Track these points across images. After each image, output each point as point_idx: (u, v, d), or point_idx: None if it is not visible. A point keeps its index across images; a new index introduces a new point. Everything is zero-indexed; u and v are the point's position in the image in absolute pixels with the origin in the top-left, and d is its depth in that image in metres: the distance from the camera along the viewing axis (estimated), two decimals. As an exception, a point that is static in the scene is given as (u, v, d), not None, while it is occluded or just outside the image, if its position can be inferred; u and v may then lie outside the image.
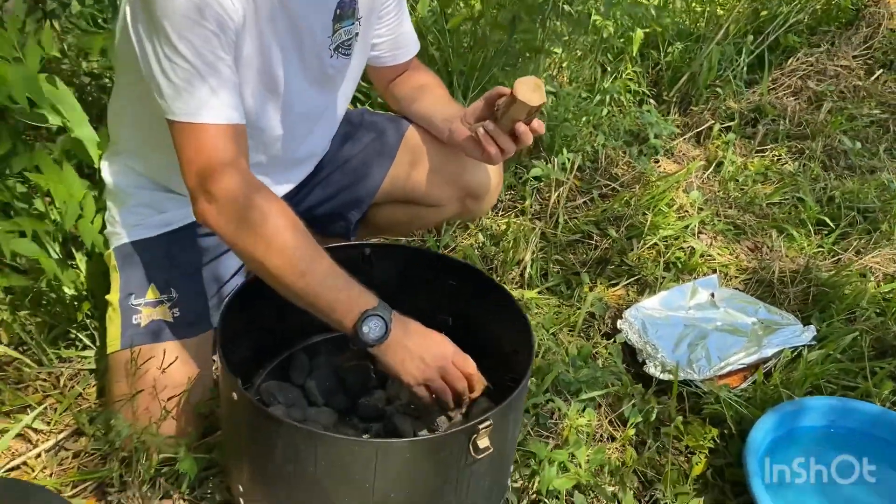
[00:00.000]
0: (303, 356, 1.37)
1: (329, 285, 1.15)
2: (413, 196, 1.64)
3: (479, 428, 1.03)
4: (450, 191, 1.62)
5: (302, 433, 1.00)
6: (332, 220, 1.65)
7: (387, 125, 1.63)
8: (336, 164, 1.61)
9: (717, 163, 2.49)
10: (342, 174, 1.62)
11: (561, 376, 1.57)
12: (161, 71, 1.13)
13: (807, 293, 1.91)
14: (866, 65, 3.27)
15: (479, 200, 1.67)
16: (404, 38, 1.56)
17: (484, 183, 1.63)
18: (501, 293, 1.31)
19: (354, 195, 1.63)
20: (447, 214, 1.69)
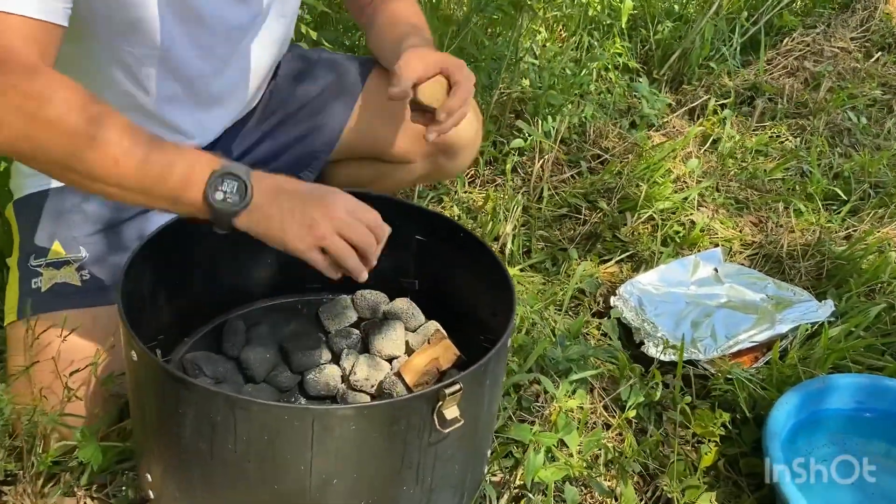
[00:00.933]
0: (239, 324, 1.14)
1: (155, 160, 0.88)
2: (377, 151, 1.43)
3: (446, 393, 0.81)
4: (419, 145, 1.40)
5: (216, 399, 0.78)
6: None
7: (348, 64, 1.41)
8: (287, 111, 1.39)
9: (713, 139, 2.30)
10: (295, 123, 1.39)
11: (548, 353, 1.35)
12: None
13: (820, 267, 1.71)
14: (864, 47, 3.13)
15: (454, 157, 1.45)
16: None
17: (459, 136, 1.40)
18: (476, 245, 1.10)
19: (309, 148, 1.41)
20: (417, 174, 1.47)
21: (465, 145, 1.44)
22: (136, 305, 1.00)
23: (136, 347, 0.83)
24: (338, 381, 1.13)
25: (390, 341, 1.13)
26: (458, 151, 1.45)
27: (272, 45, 1.28)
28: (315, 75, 1.39)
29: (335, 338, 1.16)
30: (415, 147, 1.40)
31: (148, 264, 1.01)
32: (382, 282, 1.20)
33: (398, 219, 1.17)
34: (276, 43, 1.29)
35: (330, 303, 1.19)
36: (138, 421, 0.92)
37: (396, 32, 1.27)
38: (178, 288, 1.09)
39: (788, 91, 2.66)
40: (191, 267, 1.10)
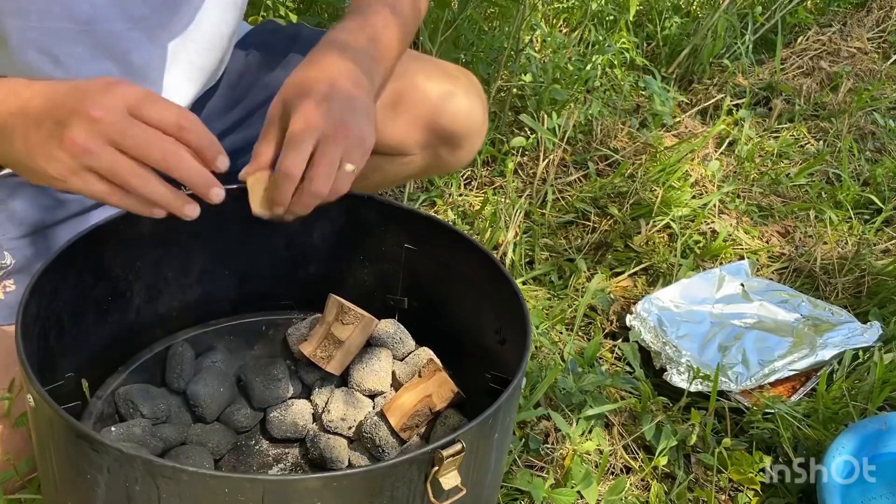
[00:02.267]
0: (186, 349, 0.93)
1: None
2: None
3: (444, 456, 0.61)
4: (420, 134, 1.18)
5: (133, 464, 0.57)
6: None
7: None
8: (259, 97, 1.18)
9: (729, 141, 2.11)
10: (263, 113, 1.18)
11: (558, 384, 1.15)
12: None
13: (859, 284, 1.52)
14: (881, 48, 2.97)
15: (458, 149, 1.22)
16: None
17: (466, 124, 1.18)
18: (478, 254, 0.90)
19: None
20: (414, 167, 1.24)
21: (470, 133, 1.22)
22: (52, 327, 0.79)
23: (34, 389, 0.62)
24: (308, 421, 0.92)
25: (373, 373, 0.92)
26: (463, 140, 1.22)
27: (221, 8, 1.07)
28: (292, 55, 1.18)
29: (306, 367, 0.95)
30: (413, 135, 1.18)
31: (69, 277, 0.81)
32: (365, 299, 1.00)
33: (382, 223, 0.98)
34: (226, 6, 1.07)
35: (300, 322, 0.99)
36: (44, 479, 0.72)
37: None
38: (111, 304, 0.88)
39: (806, 91, 2.49)
40: (127, 278, 0.89)
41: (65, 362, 0.82)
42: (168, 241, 0.91)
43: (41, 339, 0.77)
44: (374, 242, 1.00)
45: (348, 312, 0.91)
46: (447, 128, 1.17)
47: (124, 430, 0.81)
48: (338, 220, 0.99)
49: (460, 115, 1.16)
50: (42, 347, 0.77)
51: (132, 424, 0.82)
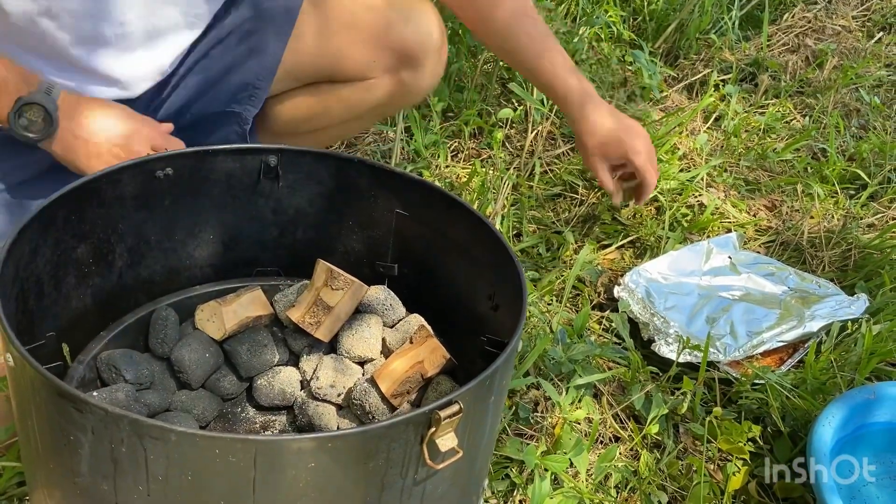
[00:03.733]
0: (171, 313, 0.90)
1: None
2: (328, 68, 1.19)
3: (441, 416, 0.59)
4: (375, 53, 1.18)
5: (119, 424, 0.55)
6: (221, 121, 1.18)
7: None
8: (216, 38, 1.14)
9: (716, 116, 2.10)
10: (224, 49, 1.14)
11: (548, 354, 1.14)
12: None
13: (846, 257, 1.53)
14: (865, 27, 2.97)
15: (418, 67, 1.21)
16: None
17: (422, 38, 1.19)
18: (471, 219, 0.88)
19: (245, 77, 1.16)
20: (378, 94, 1.23)
21: (428, 50, 1.21)
22: (31, 289, 0.77)
23: (13, 348, 0.60)
24: (296, 388, 0.90)
25: (362, 340, 0.90)
26: (422, 59, 1.21)
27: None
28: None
29: (293, 334, 0.93)
30: (368, 56, 1.18)
31: (49, 236, 0.78)
32: (354, 266, 0.98)
33: (373, 187, 0.96)
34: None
35: (288, 289, 0.96)
36: (25, 443, 0.69)
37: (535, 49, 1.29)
38: (92, 267, 0.85)
39: (791, 68, 2.49)
40: (110, 241, 0.86)
41: (45, 326, 0.79)
42: (151, 204, 0.89)
43: (20, 300, 0.74)
44: (364, 208, 0.97)
45: (337, 278, 0.89)
46: (405, 44, 1.18)
47: (107, 396, 0.79)
48: (327, 183, 0.97)
49: (417, 30, 1.18)
50: (21, 310, 0.75)
51: (115, 389, 0.80)
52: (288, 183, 0.96)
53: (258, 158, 0.93)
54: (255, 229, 0.98)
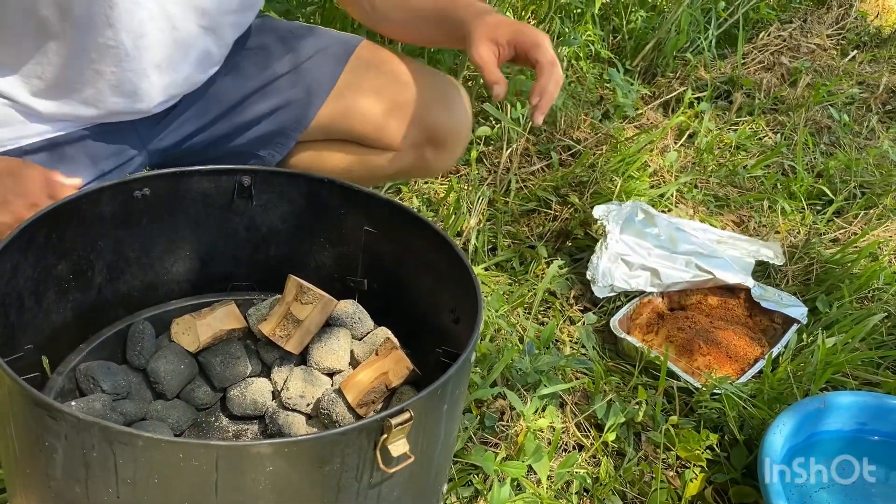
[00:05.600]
0: (147, 327, 0.95)
1: None
2: (357, 132, 1.22)
3: (392, 424, 0.63)
4: (409, 130, 1.21)
5: (90, 430, 0.59)
6: (241, 160, 1.21)
7: (330, 37, 1.23)
8: (248, 87, 1.18)
9: (689, 133, 2.16)
10: (259, 100, 1.19)
11: (515, 365, 1.19)
12: None
13: (808, 272, 1.58)
14: (839, 45, 3.05)
15: (443, 150, 1.25)
16: None
17: (455, 127, 1.24)
18: (436, 239, 0.92)
19: (276, 127, 1.20)
20: (399, 165, 1.26)
21: (459, 138, 1.26)
22: (12, 304, 0.81)
23: (-8, 361, 0.64)
24: (267, 398, 0.95)
25: (331, 352, 0.95)
26: (449, 142, 1.25)
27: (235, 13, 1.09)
28: (282, 51, 1.19)
29: (265, 346, 0.98)
30: (402, 132, 1.22)
31: (30, 254, 0.82)
32: (325, 280, 1.02)
33: (342, 205, 1.01)
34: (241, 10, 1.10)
35: (261, 303, 1.01)
36: (4, 451, 0.73)
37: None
38: (72, 283, 0.90)
39: (766, 86, 2.55)
40: (89, 257, 0.91)
41: (25, 339, 0.84)
42: (129, 222, 0.93)
43: (0, 315, 0.78)
44: (334, 225, 1.02)
45: (307, 292, 0.94)
46: (438, 128, 1.22)
47: (84, 405, 0.83)
48: (298, 202, 1.01)
49: (453, 119, 1.22)
50: (2, 324, 0.79)
51: (92, 399, 0.84)
52: (261, 202, 1.00)
53: (232, 179, 0.98)
54: (229, 246, 1.02)
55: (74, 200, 0.85)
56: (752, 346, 1.39)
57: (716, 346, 1.37)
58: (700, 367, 1.34)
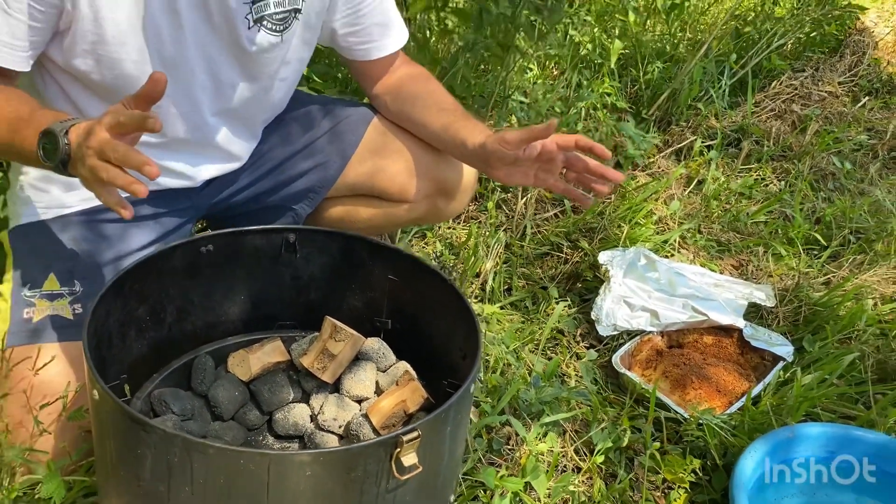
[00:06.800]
0: (208, 360, 1.14)
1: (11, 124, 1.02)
2: (377, 189, 1.44)
3: (404, 440, 0.81)
4: (421, 184, 1.42)
5: (174, 442, 0.78)
6: (279, 214, 1.45)
7: (351, 110, 1.44)
8: (287, 152, 1.41)
9: (697, 180, 2.32)
10: (294, 164, 1.41)
11: (521, 395, 1.35)
12: None
13: (797, 313, 1.72)
14: (851, 92, 3.17)
15: (451, 198, 1.47)
16: (384, 27, 1.36)
17: (459, 178, 1.45)
18: (447, 288, 1.11)
19: (308, 185, 1.43)
20: (414, 214, 1.48)
21: (464, 188, 1.47)
22: (105, 341, 1.01)
23: (98, 386, 0.84)
24: (306, 421, 1.13)
25: (359, 382, 1.13)
26: (457, 194, 1.47)
27: (271, 107, 1.33)
28: (316, 121, 1.41)
29: (305, 376, 1.16)
30: (416, 186, 1.42)
31: (118, 300, 1.02)
32: (356, 320, 1.21)
33: (371, 258, 1.20)
34: (273, 106, 1.33)
35: (302, 340, 1.20)
36: (100, 458, 0.93)
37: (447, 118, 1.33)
38: (149, 323, 1.10)
39: (775, 133, 2.69)
40: (162, 302, 1.11)
41: (113, 369, 1.03)
42: (195, 273, 1.13)
43: (96, 351, 0.98)
44: (364, 274, 1.21)
45: (340, 332, 1.12)
46: (446, 181, 1.43)
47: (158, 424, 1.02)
48: (335, 255, 1.21)
49: (457, 173, 1.43)
50: (97, 357, 0.98)
51: (165, 419, 1.03)
52: (304, 255, 1.20)
53: (280, 236, 1.17)
54: (276, 291, 1.22)
55: (154, 258, 1.05)
56: (741, 381, 1.53)
57: (707, 381, 1.52)
58: (691, 399, 1.48)
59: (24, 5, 1.04)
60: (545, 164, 1.22)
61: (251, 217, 1.43)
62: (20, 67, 1.08)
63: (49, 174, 1.20)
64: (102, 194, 0.91)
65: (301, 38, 1.28)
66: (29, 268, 1.19)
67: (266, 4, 1.18)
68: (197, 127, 1.25)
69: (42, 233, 1.22)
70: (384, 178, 1.43)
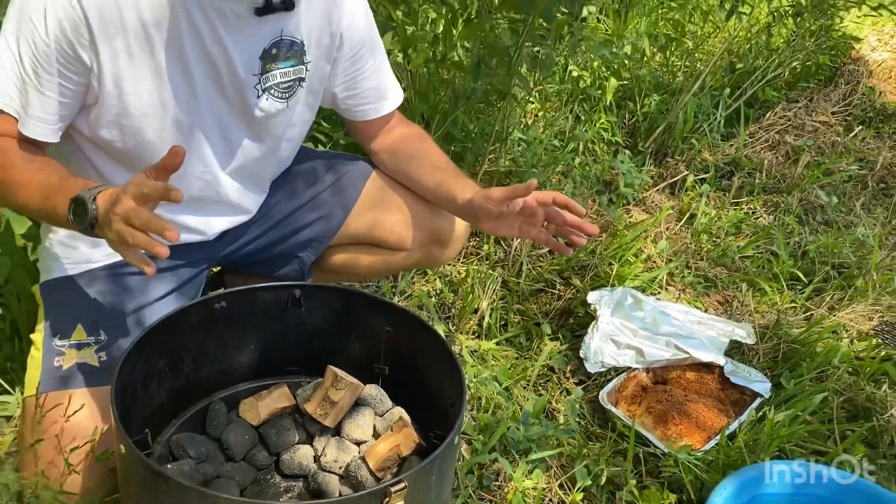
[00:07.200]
0: (221, 406, 1.26)
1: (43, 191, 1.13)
2: (376, 239, 1.56)
3: (392, 491, 0.92)
4: (416, 234, 1.54)
5: (191, 494, 0.90)
6: (285, 261, 1.57)
7: (352, 165, 1.56)
8: (293, 205, 1.53)
9: (689, 214, 2.42)
10: (299, 216, 1.53)
11: (510, 434, 1.46)
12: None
13: (777, 350, 1.81)
14: (845, 121, 3.25)
15: (445, 247, 1.59)
16: (380, 90, 1.48)
17: (451, 228, 1.56)
18: (436, 340, 1.22)
19: (311, 235, 1.54)
20: (411, 261, 1.60)
21: (457, 237, 1.59)
22: (129, 393, 1.13)
23: (124, 442, 0.95)
24: (310, 461, 1.24)
25: (358, 427, 1.24)
26: (451, 243, 1.59)
27: (277, 164, 1.45)
28: (319, 176, 1.54)
29: (309, 420, 1.28)
30: (412, 235, 1.54)
31: (142, 357, 1.14)
32: (355, 365, 1.32)
33: (368, 311, 1.31)
34: (280, 162, 1.45)
35: (307, 385, 1.31)
36: (125, 500, 1.04)
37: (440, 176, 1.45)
38: (168, 374, 1.21)
39: (767, 165, 2.78)
40: (180, 355, 1.22)
41: (136, 418, 1.15)
42: (210, 327, 1.25)
43: (122, 403, 1.10)
44: (362, 325, 1.32)
45: (341, 381, 1.23)
46: (439, 231, 1.55)
47: (177, 468, 1.13)
48: (336, 308, 1.32)
49: (449, 223, 1.56)
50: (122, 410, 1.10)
51: (182, 463, 1.15)
52: (308, 308, 1.31)
53: (287, 292, 1.29)
54: (283, 341, 1.33)
55: (173, 316, 1.17)
56: (720, 417, 1.63)
57: (687, 416, 1.62)
58: (672, 435, 1.58)
59: (55, 84, 1.16)
60: (528, 218, 1.32)
61: (260, 265, 1.56)
62: (50, 139, 1.20)
63: (77, 234, 1.33)
64: (128, 255, 1.02)
65: (305, 102, 1.39)
66: (59, 319, 1.31)
67: (273, 75, 1.30)
68: (210, 185, 1.37)
69: (70, 287, 1.34)
70: (383, 228, 1.54)
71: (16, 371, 1.50)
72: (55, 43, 1.12)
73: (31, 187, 1.13)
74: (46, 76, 1.14)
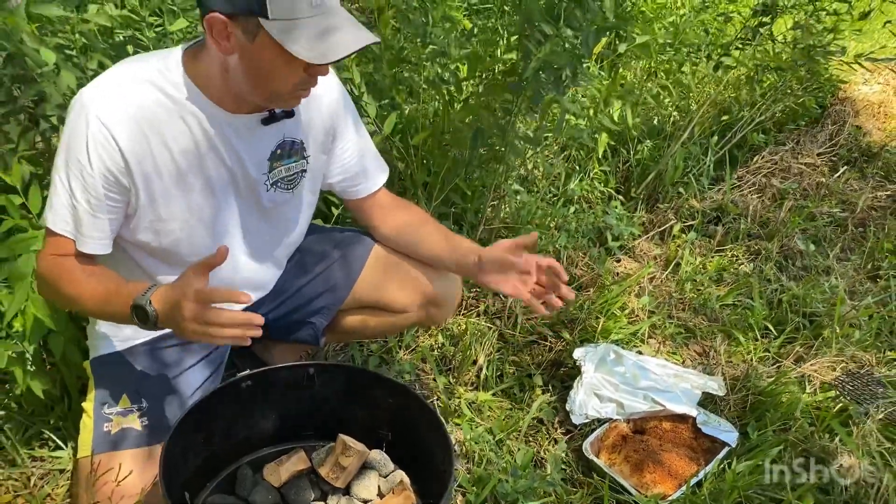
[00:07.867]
0: (247, 470, 1.47)
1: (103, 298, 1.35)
2: (380, 303, 1.77)
3: (390, 555, 1.13)
4: (415, 298, 1.75)
5: (226, 559, 1.11)
6: (300, 326, 1.78)
7: (355, 241, 1.77)
8: (305, 279, 1.74)
9: (675, 262, 2.60)
10: (311, 287, 1.74)
11: (499, 487, 1.66)
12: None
13: (745, 401, 2.00)
14: (831, 161, 3.40)
15: (441, 308, 1.80)
16: (368, 172, 1.69)
17: (446, 292, 1.77)
18: (431, 415, 1.42)
19: (322, 304, 1.76)
20: (411, 320, 1.81)
21: (452, 300, 1.80)
22: (171, 466, 1.34)
23: (171, 513, 1.16)
24: (325, 518, 1.45)
25: (365, 487, 1.45)
26: (446, 304, 1.80)
27: (289, 243, 1.66)
28: (327, 253, 1.75)
29: (323, 480, 1.48)
30: (411, 299, 1.75)
31: (182, 434, 1.35)
32: (362, 431, 1.53)
33: (373, 385, 1.52)
34: (291, 242, 1.67)
35: (321, 449, 1.52)
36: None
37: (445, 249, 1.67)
38: (202, 445, 1.43)
39: (753, 210, 2.95)
40: (213, 428, 1.44)
41: (176, 484, 1.36)
42: (237, 402, 1.46)
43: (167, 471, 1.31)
44: (367, 397, 1.53)
45: (350, 448, 1.44)
46: (435, 295, 1.75)
47: (212, 531, 1.35)
48: (344, 383, 1.53)
49: (444, 288, 1.76)
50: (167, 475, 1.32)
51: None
52: (321, 382, 1.52)
53: (303, 370, 1.50)
54: (300, 410, 1.54)
55: (208, 397, 1.38)
56: (691, 465, 1.82)
57: (661, 465, 1.81)
58: (647, 482, 1.78)
59: (103, 205, 1.38)
60: (523, 276, 1.54)
61: (278, 331, 1.77)
62: (105, 252, 1.42)
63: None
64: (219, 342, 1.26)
65: (308, 189, 1.61)
66: (106, 390, 1.53)
67: (279, 171, 1.52)
68: (232, 268, 1.58)
69: (115, 362, 1.56)
70: (386, 294, 1.75)
71: (67, 429, 1.72)
72: (99, 174, 1.34)
73: (95, 296, 1.35)
74: (95, 201, 1.36)
